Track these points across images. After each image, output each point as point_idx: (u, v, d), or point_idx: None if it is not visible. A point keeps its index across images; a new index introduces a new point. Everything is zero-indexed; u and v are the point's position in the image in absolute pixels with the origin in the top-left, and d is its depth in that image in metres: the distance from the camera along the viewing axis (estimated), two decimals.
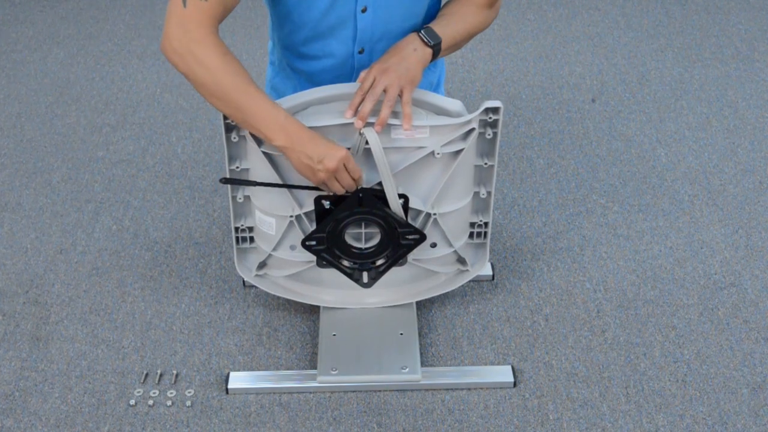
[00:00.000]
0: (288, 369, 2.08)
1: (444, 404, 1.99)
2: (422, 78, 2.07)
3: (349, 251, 2.02)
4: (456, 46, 1.95)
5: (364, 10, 1.88)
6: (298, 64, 2.03)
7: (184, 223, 2.51)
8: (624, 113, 2.96)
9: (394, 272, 2.11)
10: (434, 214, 2.00)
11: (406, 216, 1.97)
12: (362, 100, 1.83)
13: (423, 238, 1.99)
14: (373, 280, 2.09)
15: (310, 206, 1.97)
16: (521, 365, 2.08)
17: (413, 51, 1.85)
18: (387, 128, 1.86)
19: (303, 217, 2.00)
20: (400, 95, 1.83)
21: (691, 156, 2.75)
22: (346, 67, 1.99)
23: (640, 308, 2.23)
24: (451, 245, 2.09)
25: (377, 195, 1.92)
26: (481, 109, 1.90)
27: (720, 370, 2.07)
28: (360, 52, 1.96)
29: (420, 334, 2.15)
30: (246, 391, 2.02)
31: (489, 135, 1.94)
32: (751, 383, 2.03)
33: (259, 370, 2.08)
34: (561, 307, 2.24)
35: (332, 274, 2.11)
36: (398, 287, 2.17)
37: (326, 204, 1.93)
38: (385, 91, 1.82)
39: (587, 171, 2.69)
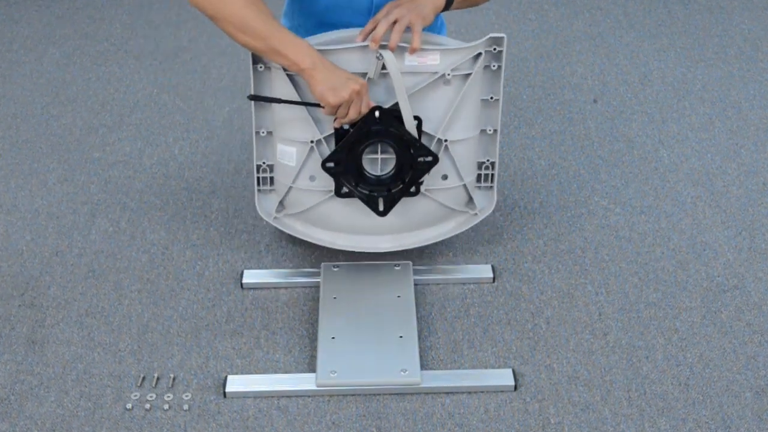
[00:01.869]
0: (286, 372, 2.07)
1: (444, 408, 1.98)
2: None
3: (365, 179, 2.12)
4: (469, 1, 2.07)
5: None
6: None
7: (182, 225, 2.50)
8: (626, 114, 2.95)
9: (408, 212, 2.21)
10: (445, 140, 2.13)
11: (420, 139, 2.09)
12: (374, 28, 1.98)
13: (436, 160, 2.10)
14: (389, 206, 2.16)
15: (330, 130, 2.08)
16: (522, 368, 2.07)
17: None
18: (401, 53, 2.00)
19: (323, 141, 2.11)
20: (410, 27, 1.97)
21: (693, 157, 2.74)
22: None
23: (642, 311, 2.22)
24: (461, 178, 2.20)
25: (394, 115, 2.04)
26: (486, 37, 2.04)
27: (723, 374, 2.06)
28: None
29: (420, 337, 2.14)
30: (244, 395, 2.01)
31: (494, 67, 2.09)
32: (754, 386, 2.02)
33: (257, 373, 2.07)
34: (562, 310, 2.23)
35: (347, 220, 2.21)
36: (409, 232, 2.27)
37: (345, 126, 2.04)
38: (396, 21, 1.95)
39: (589, 172, 2.68)
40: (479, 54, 2.05)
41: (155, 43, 3.38)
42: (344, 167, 2.09)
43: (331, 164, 2.09)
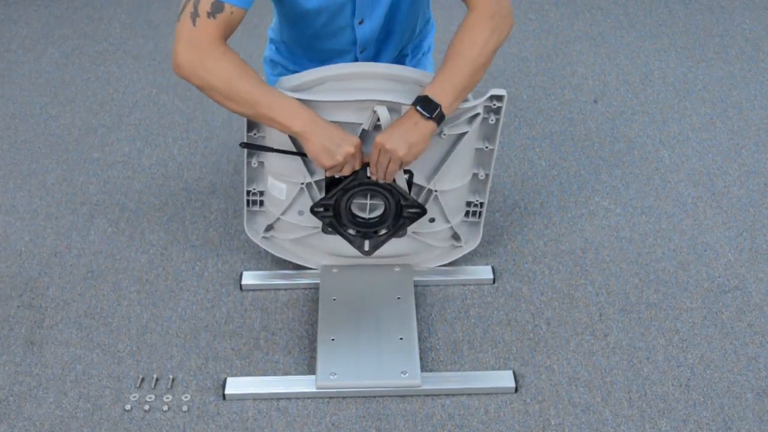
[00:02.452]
0: (286, 374, 2.06)
1: (444, 409, 1.98)
2: (411, 47, 2.24)
3: (353, 220, 2.13)
4: (470, 85, 1.93)
5: (360, 23, 2.02)
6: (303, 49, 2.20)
7: (180, 226, 2.49)
8: (627, 114, 2.94)
9: (392, 244, 2.21)
10: (435, 191, 2.12)
11: (410, 190, 2.10)
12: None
13: (424, 212, 2.11)
14: (374, 248, 2.18)
15: (321, 175, 2.08)
16: (522, 370, 2.07)
17: (414, 125, 1.90)
18: (397, 108, 1.95)
19: (313, 184, 2.11)
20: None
21: (694, 157, 2.73)
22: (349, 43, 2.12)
23: (643, 312, 2.21)
24: (448, 221, 2.21)
25: None
26: (487, 96, 2.01)
27: (724, 375, 2.05)
28: (362, 52, 2.09)
29: (420, 339, 2.14)
30: (243, 397, 2.00)
31: (492, 120, 2.06)
32: (755, 388, 2.02)
33: (256, 374, 2.06)
34: (563, 311, 2.22)
35: (335, 243, 2.21)
36: (395, 258, 2.29)
37: (336, 174, 2.02)
38: (391, 160, 1.93)
39: (589, 173, 2.67)
40: (477, 114, 2.03)
41: (154, 43, 3.37)
42: (333, 213, 2.11)
43: (320, 209, 2.10)
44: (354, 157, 1.93)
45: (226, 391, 2.00)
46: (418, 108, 1.88)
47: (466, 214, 2.25)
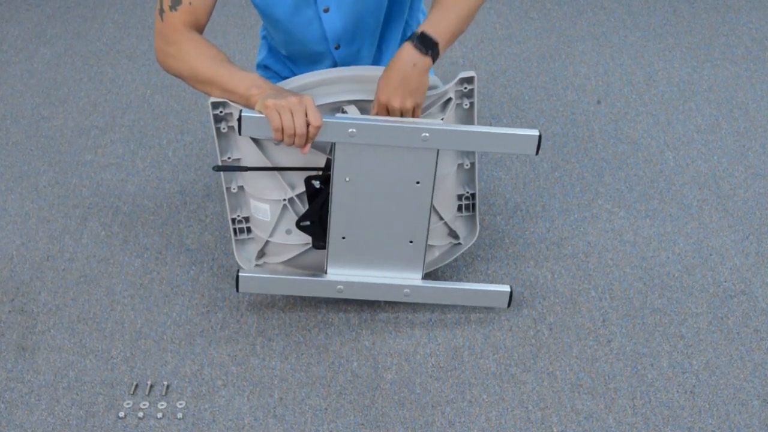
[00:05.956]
0: (282, 379, 2.05)
1: (444, 416, 1.96)
2: (397, 35, 2.21)
3: None
4: (456, 34, 1.94)
5: (326, 11, 2.02)
6: (286, 61, 2.24)
7: (175, 229, 2.48)
8: (630, 115, 2.93)
9: None
10: None
11: None
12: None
13: None
14: None
15: (302, 188, 2.06)
16: (524, 376, 2.05)
17: (413, 66, 1.88)
18: (367, 107, 1.98)
19: (295, 199, 2.08)
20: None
21: (699, 159, 2.71)
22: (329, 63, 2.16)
23: (647, 317, 2.20)
24: (441, 217, 2.16)
25: None
26: (456, 79, 2.00)
27: (730, 381, 2.04)
28: (336, 48, 2.10)
29: (419, 344, 2.12)
30: (257, 286, 2.12)
31: (466, 105, 2.05)
32: (761, 394, 2.01)
33: (252, 380, 2.05)
34: (565, 316, 2.20)
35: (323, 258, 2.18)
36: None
37: (316, 184, 2.02)
38: (402, 113, 1.94)
39: (592, 175, 2.66)
40: (449, 99, 2.02)
41: (148, 43, 3.37)
42: (319, 224, 2.07)
43: (306, 223, 2.07)
44: (300, 105, 1.82)
45: (240, 286, 2.13)
46: (415, 43, 1.87)
47: (459, 208, 2.22)
